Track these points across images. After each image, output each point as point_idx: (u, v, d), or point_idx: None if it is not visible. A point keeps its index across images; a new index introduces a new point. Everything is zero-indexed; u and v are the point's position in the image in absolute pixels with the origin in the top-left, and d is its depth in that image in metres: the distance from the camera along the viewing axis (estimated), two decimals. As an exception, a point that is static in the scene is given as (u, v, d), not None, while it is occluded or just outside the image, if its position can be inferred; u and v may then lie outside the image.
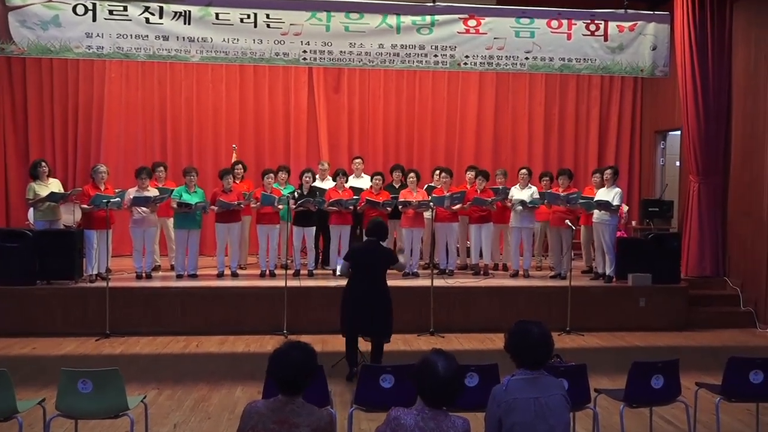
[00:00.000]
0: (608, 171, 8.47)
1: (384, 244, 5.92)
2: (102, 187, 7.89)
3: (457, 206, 8.48)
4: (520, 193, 8.67)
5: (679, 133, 10.11)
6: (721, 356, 4.75)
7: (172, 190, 8.25)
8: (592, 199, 8.37)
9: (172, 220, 8.45)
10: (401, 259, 5.92)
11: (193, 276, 8.14)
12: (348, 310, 5.69)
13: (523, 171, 8.81)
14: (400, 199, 8.44)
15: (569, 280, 7.79)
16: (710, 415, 4.88)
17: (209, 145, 10.51)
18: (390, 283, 5.90)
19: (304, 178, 8.55)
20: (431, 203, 8.27)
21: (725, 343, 7.59)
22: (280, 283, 7.51)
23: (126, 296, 7.46)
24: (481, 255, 8.83)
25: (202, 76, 10.39)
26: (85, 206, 7.72)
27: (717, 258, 8.98)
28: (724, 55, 8.98)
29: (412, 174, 8.70)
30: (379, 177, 8.59)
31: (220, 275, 8.26)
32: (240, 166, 9.05)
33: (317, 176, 9.09)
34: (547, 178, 9.21)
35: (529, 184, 8.78)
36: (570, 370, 4.14)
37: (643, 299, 8.11)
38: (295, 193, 8.29)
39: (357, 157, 9.52)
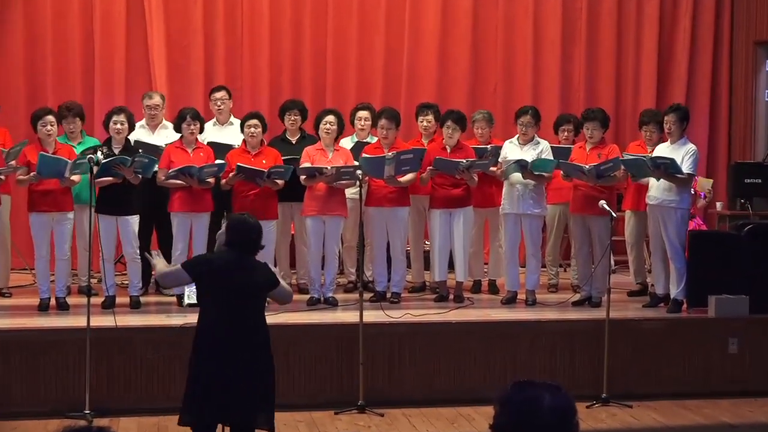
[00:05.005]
0: (671, 115, 8.59)
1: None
2: None
3: (409, 177, 8.60)
4: (518, 153, 8.78)
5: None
6: None
7: None
8: (645, 161, 8.43)
9: None
10: (283, 283, 5.91)
11: None
12: (194, 378, 5.58)
13: (525, 117, 8.88)
14: (303, 165, 8.49)
15: (606, 309, 7.94)
16: None
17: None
18: (278, 317, 5.88)
19: (112, 124, 8.41)
20: (359, 171, 8.30)
21: None
22: (78, 321, 7.46)
23: None
24: (451, 265, 8.96)
25: None
26: None
27: None
28: None
29: (330, 117, 8.71)
30: (255, 121, 8.57)
31: (-38, 309, 8.18)
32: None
33: (142, 123, 9.05)
34: (569, 127, 9.43)
35: (536, 137, 8.92)
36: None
37: (734, 341, 8.32)
38: (99, 153, 8.06)
39: (218, 88, 9.50)
